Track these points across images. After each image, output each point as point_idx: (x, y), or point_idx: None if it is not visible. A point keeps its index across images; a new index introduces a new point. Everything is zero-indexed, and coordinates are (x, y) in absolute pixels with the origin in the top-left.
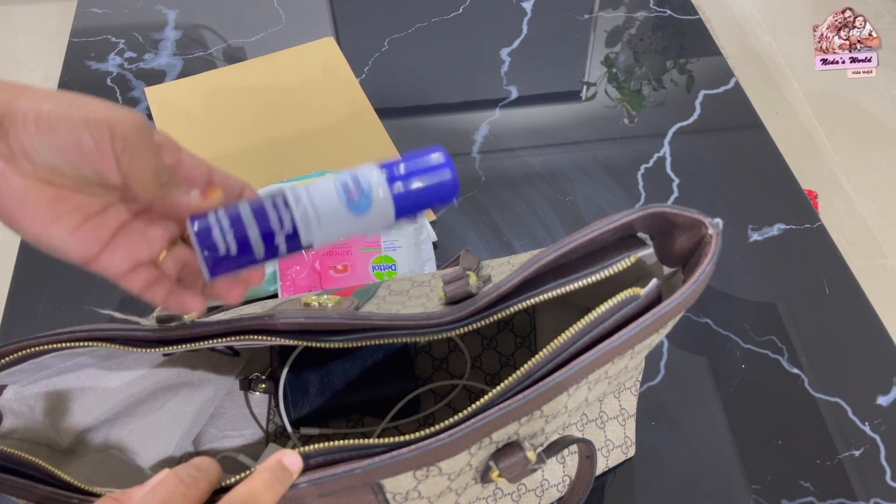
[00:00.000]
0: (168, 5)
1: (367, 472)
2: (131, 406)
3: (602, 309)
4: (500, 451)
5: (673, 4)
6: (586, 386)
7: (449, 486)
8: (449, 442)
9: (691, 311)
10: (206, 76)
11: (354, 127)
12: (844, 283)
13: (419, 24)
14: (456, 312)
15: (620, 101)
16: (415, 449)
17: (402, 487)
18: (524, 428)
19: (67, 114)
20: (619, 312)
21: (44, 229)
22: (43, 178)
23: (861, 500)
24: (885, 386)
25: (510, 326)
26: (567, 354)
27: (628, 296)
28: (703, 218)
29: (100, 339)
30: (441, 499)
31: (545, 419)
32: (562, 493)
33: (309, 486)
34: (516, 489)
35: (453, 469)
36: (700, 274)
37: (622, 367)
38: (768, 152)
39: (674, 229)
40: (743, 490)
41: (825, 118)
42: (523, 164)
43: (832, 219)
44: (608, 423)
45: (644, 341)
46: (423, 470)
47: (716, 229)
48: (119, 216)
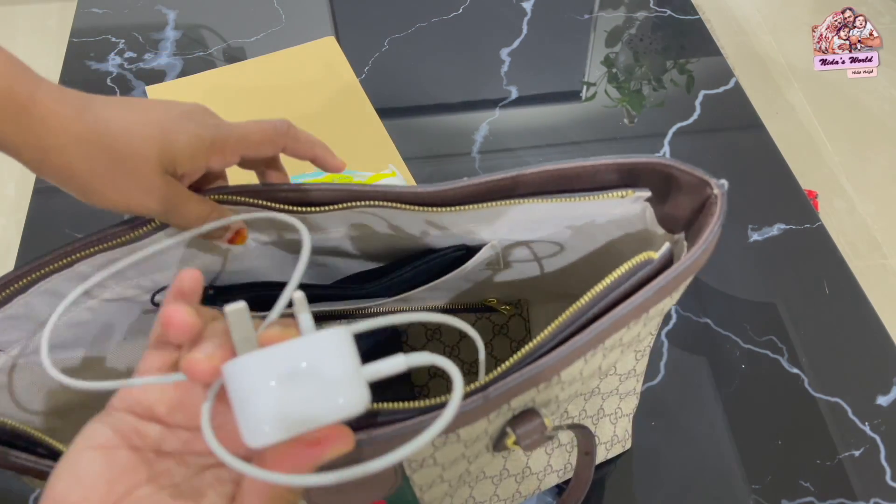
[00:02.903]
0: (168, 5)
1: (388, 440)
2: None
3: (617, 274)
4: (517, 417)
5: (673, 4)
6: (602, 352)
7: (463, 453)
8: (472, 409)
9: (691, 311)
10: (207, 76)
11: (354, 127)
12: (844, 283)
13: (419, 24)
14: (443, 185)
15: (620, 101)
16: (437, 416)
17: (419, 455)
18: (541, 395)
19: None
20: (635, 276)
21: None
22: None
23: (861, 500)
24: (885, 386)
25: (505, 330)
26: (584, 320)
27: (642, 260)
28: (709, 177)
29: (103, 242)
30: (454, 466)
31: (561, 386)
32: (561, 478)
33: None
34: (521, 472)
35: (471, 436)
36: (709, 233)
37: (636, 334)
38: (768, 152)
39: (677, 190)
40: (743, 490)
41: (825, 118)
42: (523, 164)
43: (832, 219)
44: (620, 419)
45: (658, 304)
46: (441, 437)
47: (721, 189)
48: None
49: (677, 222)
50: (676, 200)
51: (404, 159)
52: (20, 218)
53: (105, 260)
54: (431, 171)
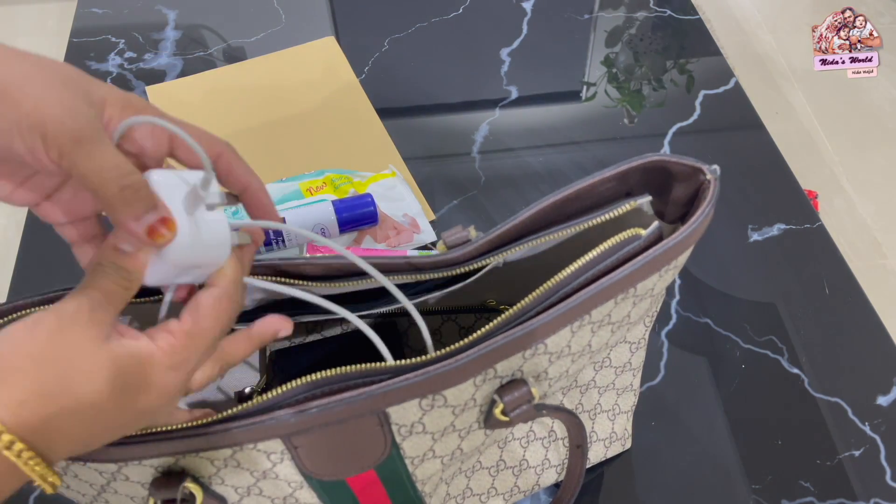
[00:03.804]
0: (168, 5)
1: (374, 396)
2: None
3: (605, 246)
4: (505, 385)
5: (673, 4)
6: (589, 327)
7: (453, 422)
8: (455, 367)
9: (691, 311)
10: (207, 75)
11: (354, 127)
12: (844, 283)
13: (419, 24)
14: (455, 252)
15: (620, 101)
16: (421, 374)
17: (407, 419)
18: (528, 364)
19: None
20: (622, 251)
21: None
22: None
23: (861, 500)
24: (885, 386)
25: None
26: (570, 289)
27: (630, 235)
28: (701, 165)
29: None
30: (445, 438)
31: (549, 357)
32: (559, 476)
33: (318, 412)
34: (518, 464)
35: (458, 401)
36: (701, 213)
37: (624, 314)
38: (768, 152)
39: (672, 181)
40: (743, 490)
41: (825, 118)
42: (523, 164)
43: (832, 219)
44: (618, 416)
45: (645, 280)
46: (428, 398)
47: (713, 174)
48: (56, 179)
49: (674, 211)
50: (673, 192)
51: (404, 159)
52: (20, 218)
53: None
54: (431, 172)
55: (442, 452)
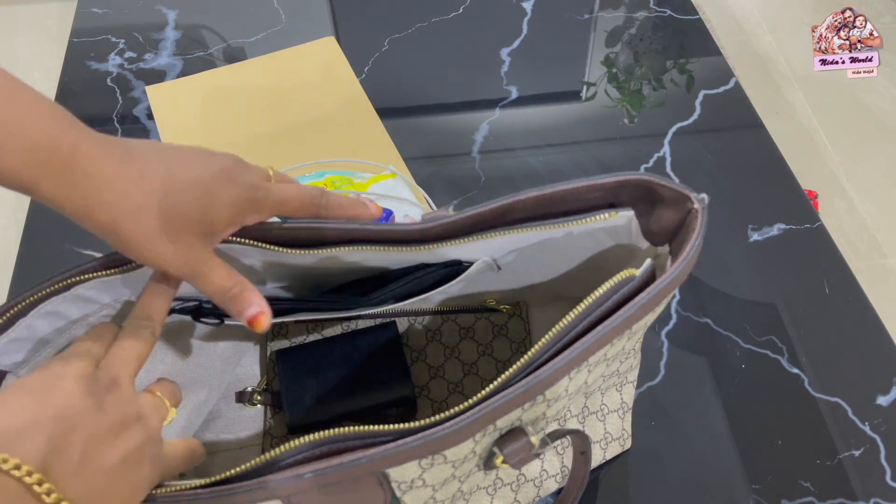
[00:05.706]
0: (168, 5)
1: (373, 461)
2: None
3: (599, 291)
4: (504, 437)
5: (673, 4)
6: (586, 369)
7: (453, 473)
8: (455, 430)
9: (691, 310)
10: (207, 75)
11: (355, 127)
12: (844, 283)
13: (419, 24)
14: (431, 223)
15: (620, 101)
16: (420, 438)
17: (407, 476)
18: (527, 413)
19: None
20: (617, 294)
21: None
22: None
23: (861, 500)
24: (885, 386)
25: (505, 331)
26: (568, 339)
27: (624, 277)
28: (689, 192)
29: (103, 269)
30: (445, 486)
31: (547, 403)
32: (560, 483)
33: (314, 476)
34: (516, 479)
35: (458, 456)
36: (689, 249)
37: (620, 349)
38: (768, 152)
39: (659, 202)
40: (743, 490)
41: (825, 118)
42: (523, 164)
43: (832, 219)
44: (608, 416)
45: (641, 320)
46: (428, 458)
47: (701, 204)
48: None
49: (663, 234)
50: (660, 214)
51: (404, 159)
52: (20, 218)
53: (100, 283)
54: (431, 172)
55: (443, 497)
